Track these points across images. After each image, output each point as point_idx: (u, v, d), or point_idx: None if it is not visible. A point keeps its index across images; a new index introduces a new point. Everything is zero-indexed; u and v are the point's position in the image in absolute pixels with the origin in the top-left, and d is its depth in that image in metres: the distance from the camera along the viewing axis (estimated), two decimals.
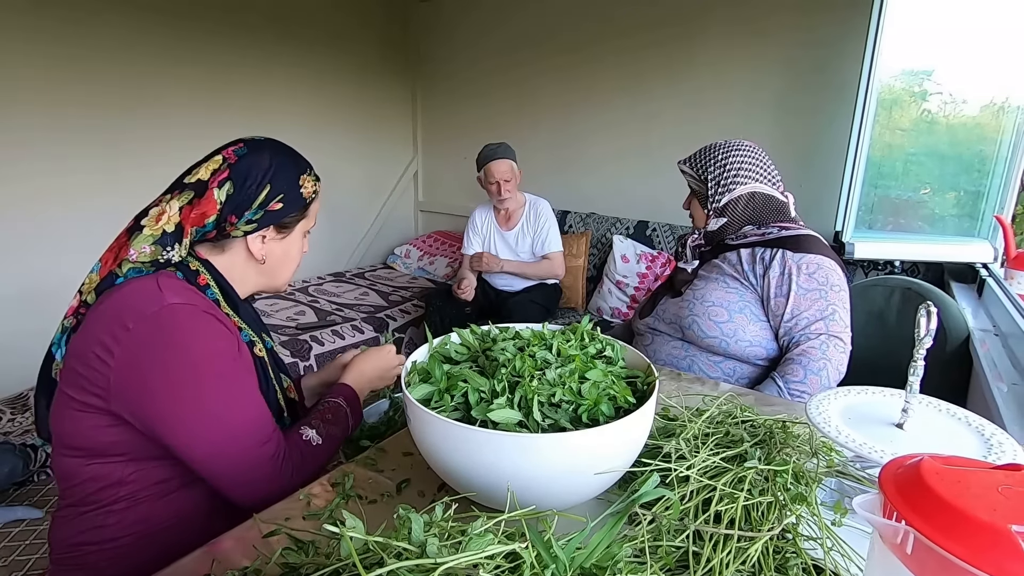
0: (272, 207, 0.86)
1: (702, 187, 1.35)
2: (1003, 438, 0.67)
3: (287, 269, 0.95)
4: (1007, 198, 1.92)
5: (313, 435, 0.86)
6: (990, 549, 0.33)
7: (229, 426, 0.77)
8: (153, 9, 2.55)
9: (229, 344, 0.80)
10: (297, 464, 0.82)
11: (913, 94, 2.07)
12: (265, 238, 0.88)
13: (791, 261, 1.23)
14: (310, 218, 0.95)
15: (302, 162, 0.91)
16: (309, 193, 0.91)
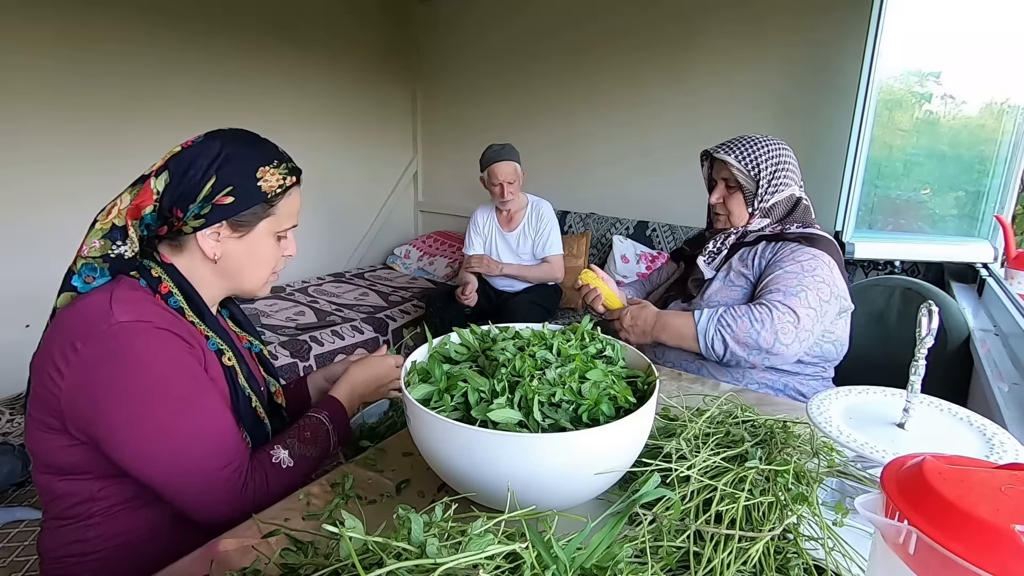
0: (220, 200, 0.76)
1: (751, 184, 1.28)
2: (1005, 438, 0.66)
3: (254, 272, 0.85)
4: (1007, 198, 1.92)
5: (284, 456, 0.80)
6: (993, 549, 0.33)
7: (183, 448, 0.72)
8: (153, 10, 2.55)
9: (186, 361, 0.75)
10: (261, 488, 0.77)
11: (913, 94, 2.07)
12: (219, 235, 0.80)
13: (790, 250, 1.24)
14: (282, 217, 0.83)
15: (267, 153, 0.81)
16: (271, 188, 0.79)
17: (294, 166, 0.84)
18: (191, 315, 0.80)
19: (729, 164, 1.28)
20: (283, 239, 0.86)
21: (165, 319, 0.75)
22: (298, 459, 0.82)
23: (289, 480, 0.80)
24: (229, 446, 0.76)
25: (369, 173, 3.70)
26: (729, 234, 1.35)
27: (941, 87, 2.02)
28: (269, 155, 0.81)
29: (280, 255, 0.87)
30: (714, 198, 1.35)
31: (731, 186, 1.31)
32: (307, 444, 0.83)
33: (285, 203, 0.83)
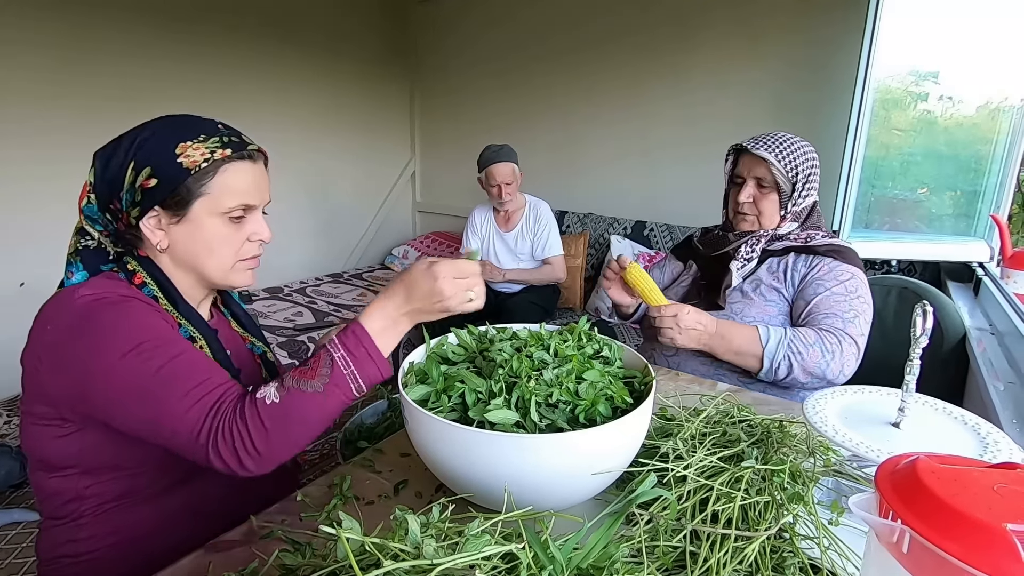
0: (145, 184, 0.73)
1: (787, 185, 1.23)
2: (999, 437, 0.67)
3: (210, 259, 0.79)
4: (1003, 198, 1.93)
5: (270, 391, 0.68)
6: (986, 548, 0.33)
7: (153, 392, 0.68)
8: (151, 11, 2.55)
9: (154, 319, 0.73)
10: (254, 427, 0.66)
11: (910, 94, 2.08)
12: (160, 222, 0.76)
13: (828, 268, 1.20)
14: (220, 196, 0.76)
15: (190, 129, 0.75)
16: (194, 163, 0.73)
17: (232, 140, 0.77)
18: (164, 303, 0.78)
19: (769, 162, 1.21)
20: (241, 220, 0.80)
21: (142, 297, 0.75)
22: (291, 396, 0.68)
23: (280, 419, 0.67)
24: (198, 386, 0.69)
25: (367, 173, 3.70)
26: (760, 237, 1.28)
27: (938, 87, 2.03)
28: (193, 130, 0.75)
29: (243, 238, 0.80)
30: (744, 196, 1.26)
31: (765, 186, 1.24)
32: (303, 377, 0.69)
33: (222, 179, 0.76)
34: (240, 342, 0.94)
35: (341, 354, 0.70)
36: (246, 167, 0.79)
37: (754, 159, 1.24)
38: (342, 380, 0.70)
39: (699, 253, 1.41)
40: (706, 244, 1.39)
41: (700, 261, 1.41)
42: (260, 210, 0.83)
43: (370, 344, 0.72)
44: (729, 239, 1.31)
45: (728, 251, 1.31)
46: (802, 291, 1.21)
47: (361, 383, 0.71)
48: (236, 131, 0.80)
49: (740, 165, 1.29)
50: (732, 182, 1.32)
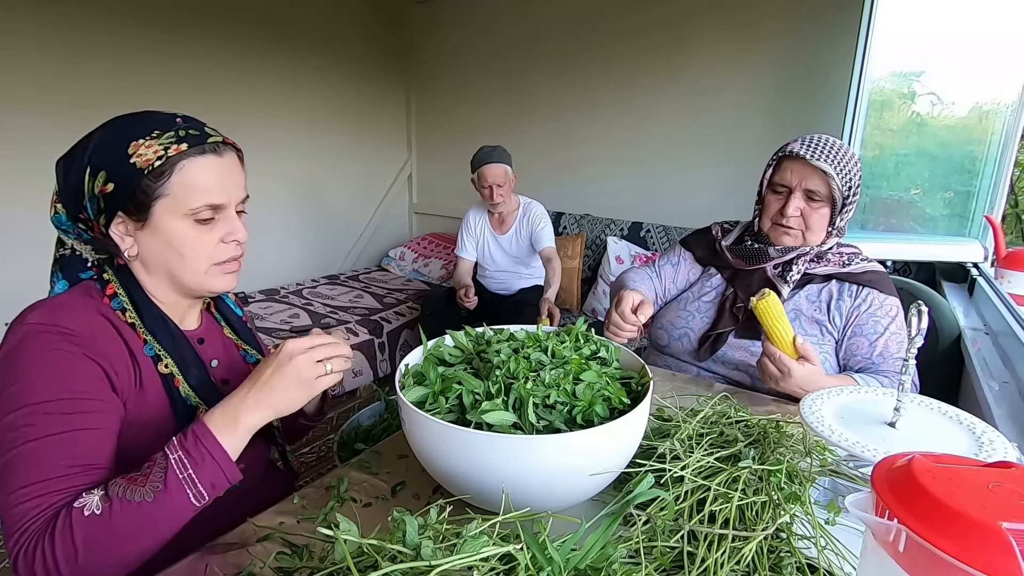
0: (103, 190, 0.69)
1: (840, 198, 1.13)
2: (994, 436, 0.67)
3: (183, 264, 0.74)
4: (997, 198, 1.94)
5: (93, 502, 0.60)
6: (981, 546, 0.33)
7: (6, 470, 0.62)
8: (144, 14, 2.54)
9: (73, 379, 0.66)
10: (61, 544, 0.58)
11: (903, 95, 2.09)
12: (127, 229, 0.72)
13: (876, 302, 1.14)
14: (181, 196, 0.70)
15: (142, 127, 0.70)
16: (147, 162, 0.68)
17: (189, 132, 0.71)
18: (131, 316, 0.74)
19: (830, 176, 1.10)
20: (211, 221, 0.74)
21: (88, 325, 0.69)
22: (115, 506, 0.60)
23: (99, 534, 0.59)
24: (35, 485, 0.61)
25: (363, 175, 3.70)
26: (805, 256, 1.17)
27: (931, 88, 2.04)
28: (145, 128, 0.70)
29: (215, 240, 0.75)
30: (793, 209, 1.14)
31: (817, 199, 1.14)
32: (132, 485, 0.61)
33: (179, 179, 0.70)
34: (233, 350, 0.91)
35: (177, 456, 0.63)
36: (209, 162, 0.72)
37: (809, 169, 1.12)
38: (177, 487, 0.61)
39: (724, 262, 1.27)
40: (738, 255, 1.25)
41: (728, 273, 1.27)
42: (232, 208, 0.76)
43: (212, 443, 0.64)
44: (770, 254, 1.19)
45: (767, 268, 1.20)
46: (857, 326, 1.14)
47: (201, 489, 0.63)
48: (197, 123, 0.74)
49: (787, 172, 1.15)
50: (773, 189, 1.19)
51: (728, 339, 1.20)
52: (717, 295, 1.27)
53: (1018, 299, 1.54)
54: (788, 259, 1.19)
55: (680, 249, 1.39)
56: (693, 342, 1.24)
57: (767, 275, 1.21)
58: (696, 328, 1.25)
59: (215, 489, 0.65)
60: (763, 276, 1.21)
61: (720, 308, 1.23)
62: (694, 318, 1.26)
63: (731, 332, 1.19)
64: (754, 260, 1.22)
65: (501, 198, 2.51)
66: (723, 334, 1.19)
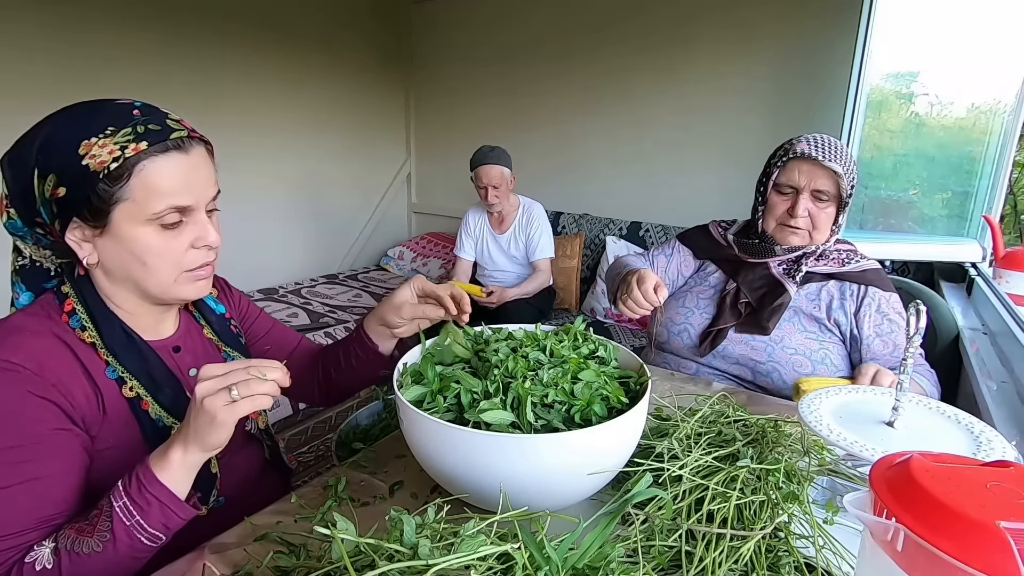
0: (55, 194, 0.62)
1: (846, 196, 1.14)
2: (992, 435, 0.67)
3: (146, 272, 0.68)
4: (995, 198, 1.94)
5: (44, 555, 0.58)
6: (979, 545, 0.33)
7: None
8: (144, 13, 2.54)
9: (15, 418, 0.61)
10: None
11: (902, 96, 2.09)
12: (84, 236, 0.66)
13: (883, 302, 1.15)
14: (141, 201, 0.63)
15: (95, 122, 0.63)
16: (102, 164, 0.61)
17: (149, 128, 0.63)
18: (91, 335, 0.68)
19: (839, 176, 1.11)
20: (178, 225, 0.67)
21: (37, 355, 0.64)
22: (64, 559, 0.58)
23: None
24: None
25: (362, 174, 3.70)
26: (811, 253, 1.18)
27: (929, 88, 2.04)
28: (99, 122, 0.63)
29: (184, 246, 0.69)
30: (802, 210, 1.14)
31: (824, 199, 1.14)
32: (80, 536, 0.59)
33: (139, 181, 0.63)
34: (214, 353, 0.85)
35: (122, 504, 0.59)
36: (173, 160, 0.65)
37: (818, 169, 1.12)
38: (125, 534, 0.59)
39: (726, 255, 1.27)
40: (744, 249, 1.25)
41: (729, 267, 1.26)
42: (201, 210, 0.69)
43: (157, 487, 0.60)
44: (776, 252, 1.19)
45: (771, 264, 1.21)
46: (874, 327, 1.14)
47: (153, 532, 0.60)
48: (158, 113, 0.66)
49: (795, 173, 1.15)
50: (778, 190, 1.19)
51: (728, 334, 1.20)
52: (716, 291, 1.27)
53: (1016, 299, 1.55)
54: (795, 257, 1.20)
55: (676, 243, 1.39)
56: (693, 338, 1.24)
57: (772, 272, 1.21)
58: (696, 324, 1.25)
59: (169, 529, 0.62)
60: (768, 272, 1.21)
61: (720, 303, 1.23)
62: (693, 314, 1.26)
63: (732, 327, 1.19)
64: (759, 254, 1.22)
65: (497, 199, 2.50)
66: (724, 329, 1.19)
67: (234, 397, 0.58)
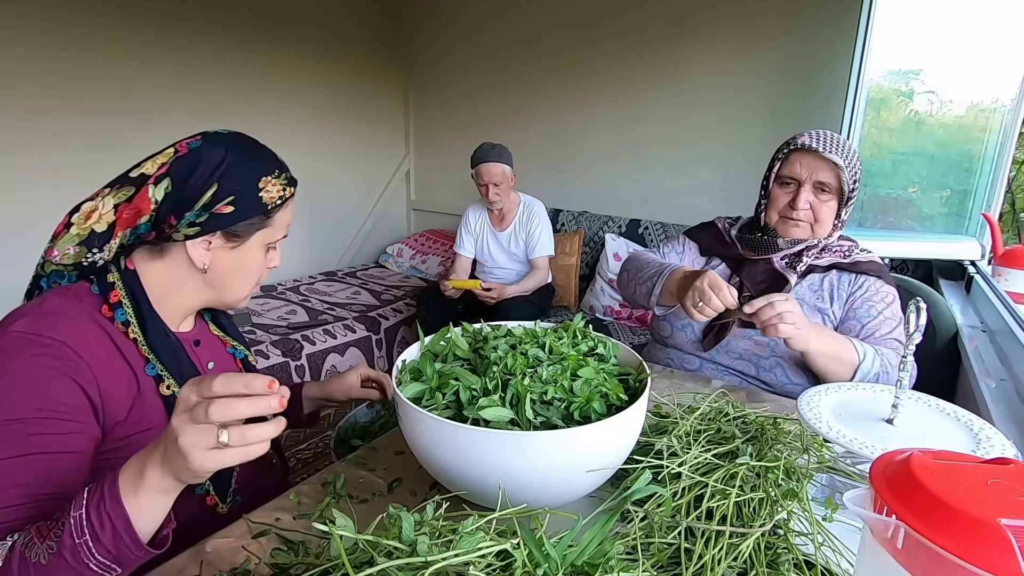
0: (220, 209, 0.72)
1: (847, 191, 1.14)
2: (991, 433, 0.67)
3: (240, 284, 0.80)
4: (994, 196, 1.94)
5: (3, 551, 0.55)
6: (979, 543, 0.33)
7: None
8: (141, 10, 2.53)
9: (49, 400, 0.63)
10: None
11: (901, 94, 2.09)
12: (211, 244, 0.75)
13: (874, 288, 1.17)
14: (276, 228, 0.79)
15: (269, 162, 0.77)
16: (272, 199, 0.76)
17: (292, 176, 0.81)
18: (135, 331, 0.73)
19: (840, 168, 1.12)
20: (272, 250, 0.83)
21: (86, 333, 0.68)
22: (14, 561, 0.54)
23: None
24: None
25: (361, 171, 3.69)
26: (813, 247, 1.19)
27: (929, 86, 2.04)
28: (271, 164, 0.77)
29: (266, 266, 0.82)
30: (803, 202, 1.15)
31: (827, 191, 1.15)
32: (37, 538, 0.53)
33: (282, 215, 0.79)
34: (222, 348, 0.90)
35: (78, 515, 0.51)
36: (293, 203, 0.82)
37: (819, 161, 1.13)
38: (72, 552, 0.51)
39: (730, 252, 1.28)
40: (747, 244, 1.25)
41: (733, 263, 1.27)
42: None
43: (115, 507, 0.51)
44: (779, 245, 1.20)
45: (774, 259, 1.21)
46: (852, 310, 1.17)
47: (101, 559, 0.51)
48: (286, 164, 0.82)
49: (796, 165, 1.16)
50: (780, 183, 1.20)
51: (732, 329, 1.20)
52: None
53: (1015, 297, 1.55)
54: (797, 251, 1.20)
55: (684, 239, 1.39)
56: (697, 332, 1.25)
57: (774, 266, 1.22)
58: None
59: (121, 565, 0.52)
60: (770, 267, 1.22)
61: None
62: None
63: (735, 322, 1.19)
64: (763, 250, 1.22)
65: (497, 197, 2.50)
66: (727, 324, 1.19)
67: (223, 442, 0.48)
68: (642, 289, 1.25)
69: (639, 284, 1.27)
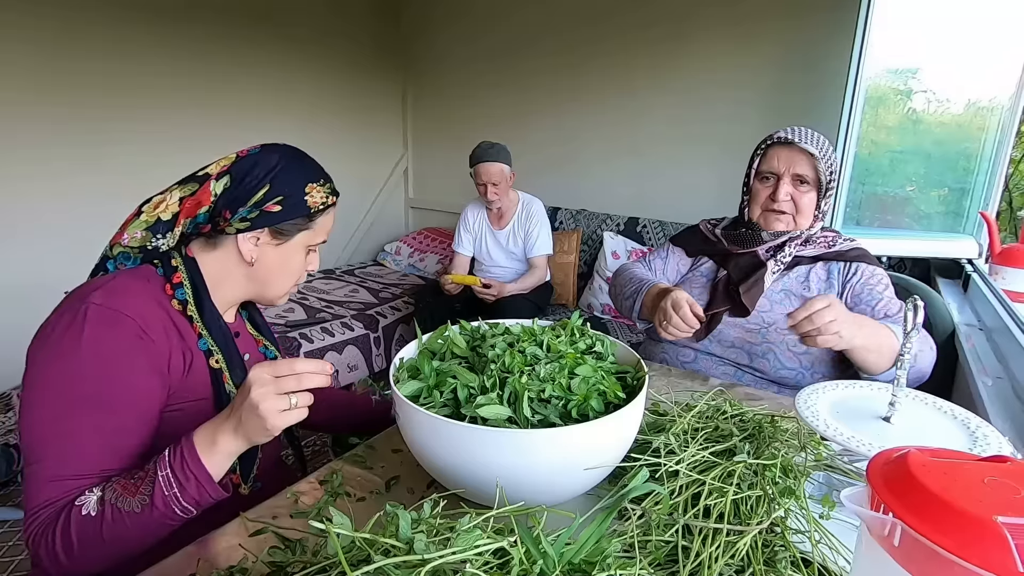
0: (269, 208, 0.80)
1: (825, 182, 1.18)
2: (988, 431, 0.67)
3: (282, 280, 0.88)
4: (992, 195, 1.94)
5: (91, 502, 0.65)
6: (976, 540, 0.33)
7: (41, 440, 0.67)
8: (139, 10, 2.52)
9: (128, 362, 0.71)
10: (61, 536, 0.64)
11: (899, 92, 2.09)
12: (259, 240, 0.83)
13: (869, 272, 1.19)
14: (317, 232, 0.87)
15: (315, 172, 0.86)
16: (316, 203, 0.84)
17: (335, 188, 0.89)
18: (191, 310, 0.81)
19: (816, 158, 1.15)
20: (312, 253, 0.90)
21: (149, 311, 0.75)
22: (107, 511, 0.65)
23: (92, 534, 0.64)
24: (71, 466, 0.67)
25: (359, 169, 3.68)
26: (796, 239, 1.22)
27: (927, 85, 2.04)
28: (317, 174, 0.86)
29: (305, 267, 0.90)
30: (783, 194, 1.19)
31: (805, 183, 1.18)
32: (125, 493, 0.66)
33: (323, 220, 0.87)
34: (254, 345, 0.97)
35: (165, 474, 0.66)
36: (334, 211, 0.89)
37: (796, 154, 1.17)
38: (163, 502, 0.65)
39: (716, 249, 1.32)
40: (733, 240, 1.29)
41: (719, 259, 1.31)
42: None
43: (197, 465, 0.66)
44: (763, 238, 1.23)
45: (759, 251, 1.24)
46: (856, 297, 1.18)
47: (186, 505, 0.66)
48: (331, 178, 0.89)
49: (774, 160, 1.20)
50: (760, 178, 1.23)
51: (723, 318, 1.22)
52: (708, 279, 1.31)
53: (1012, 295, 1.55)
54: (780, 242, 1.23)
55: (669, 246, 1.44)
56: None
57: (759, 257, 1.25)
58: None
59: (200, 506, 0.68)
60: (755, 258, 1.25)
61: (713, 290, 1.27)
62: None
63: (726, 311, 1.22)
64: (748, 244, 1.26)
65: (496, 196, 2.49)
66: (718, 314, 1.22)
67: (293, 404, 0.66)
68: (626, 305, 1.32)
69: (623, 300, 1.33)
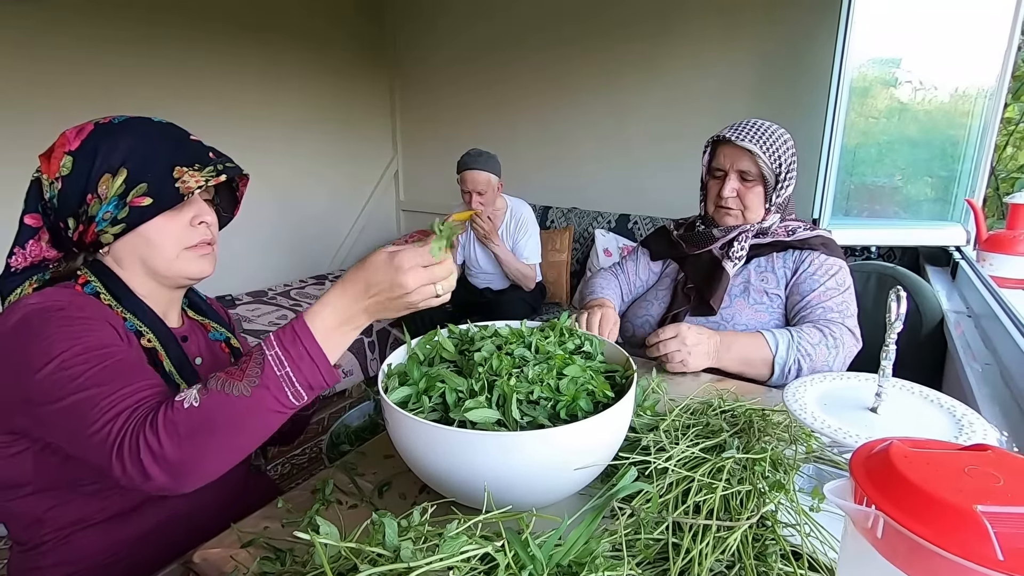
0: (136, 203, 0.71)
1: (772, 176, 1.19)
2: (974, 418, 0.68)
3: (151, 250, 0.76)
4: (978, 182, 1.95)
5: (191, 395, 0.61)
6: (957, 530, 0.33)
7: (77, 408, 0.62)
8: (122, 12, 2.50)
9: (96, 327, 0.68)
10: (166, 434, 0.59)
11: (885, 82, 2.10)
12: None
13: (819, 262, 1.20)
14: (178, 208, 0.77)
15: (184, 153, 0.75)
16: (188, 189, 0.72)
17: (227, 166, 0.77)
18: (106, 298, 0.74)
19: (755, 154, 1.17)
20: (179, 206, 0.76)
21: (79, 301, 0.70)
22: (213, 397, 0.60)
23: (198, 421, 0.59)
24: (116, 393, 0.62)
25: (349, 173, 3.67)
26: (747, 233, 1.24)
27: (912, 74, 2.05)
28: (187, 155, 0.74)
29: (184, 223, 0.77)
30: (728, 190, 1.21)
31: (749, 179, 1.20)
32: (230, 379, 0.61)
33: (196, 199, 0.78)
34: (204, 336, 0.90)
35: (275, 352, 0.61)
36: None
37: (737, 151, 1.19)
38: (274, 383, 0.61)
39: (679, 250, 1.34)
40: (689, 241, 1.31)
41: (680, 259, 1.34)
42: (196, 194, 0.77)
43: (311, 343, 0.62)
44: (715, 235, 1.26)
45: (713, 249, 1.26)
46: (795, 287, 1.20)
47: (298, 387, 0.62)
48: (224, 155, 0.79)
49: (721, 157, 1.23)
50: (711, 174, 1.27)
51: (685, 319, 1.24)
52: (671, 281, 1.34)
53: (999, 281, 1.56)
54: (731, 238, 1.25)
55: (640, 248, 1.47)
56: (655, 327, 1.28)
57: (713, 255, 1.27)
58: (655, 314, 1.32)
59: (312, 390, 0.64)
60: (709, 257, 1.27)
61: (674, 292, 1.30)
62: (653, 305, 1.33)
63: (686, 311, 1.25)
64: (702, 243, 1.29)
65: (481, 206, 2.40)
66: (679, 314, 1.25)
67: (438, 292, 0.65)
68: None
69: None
